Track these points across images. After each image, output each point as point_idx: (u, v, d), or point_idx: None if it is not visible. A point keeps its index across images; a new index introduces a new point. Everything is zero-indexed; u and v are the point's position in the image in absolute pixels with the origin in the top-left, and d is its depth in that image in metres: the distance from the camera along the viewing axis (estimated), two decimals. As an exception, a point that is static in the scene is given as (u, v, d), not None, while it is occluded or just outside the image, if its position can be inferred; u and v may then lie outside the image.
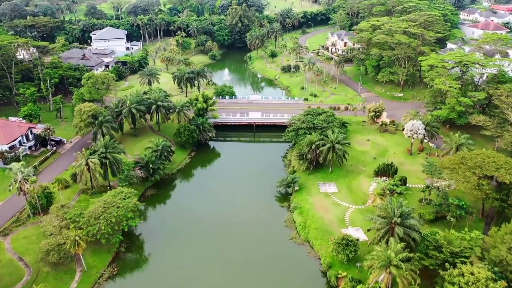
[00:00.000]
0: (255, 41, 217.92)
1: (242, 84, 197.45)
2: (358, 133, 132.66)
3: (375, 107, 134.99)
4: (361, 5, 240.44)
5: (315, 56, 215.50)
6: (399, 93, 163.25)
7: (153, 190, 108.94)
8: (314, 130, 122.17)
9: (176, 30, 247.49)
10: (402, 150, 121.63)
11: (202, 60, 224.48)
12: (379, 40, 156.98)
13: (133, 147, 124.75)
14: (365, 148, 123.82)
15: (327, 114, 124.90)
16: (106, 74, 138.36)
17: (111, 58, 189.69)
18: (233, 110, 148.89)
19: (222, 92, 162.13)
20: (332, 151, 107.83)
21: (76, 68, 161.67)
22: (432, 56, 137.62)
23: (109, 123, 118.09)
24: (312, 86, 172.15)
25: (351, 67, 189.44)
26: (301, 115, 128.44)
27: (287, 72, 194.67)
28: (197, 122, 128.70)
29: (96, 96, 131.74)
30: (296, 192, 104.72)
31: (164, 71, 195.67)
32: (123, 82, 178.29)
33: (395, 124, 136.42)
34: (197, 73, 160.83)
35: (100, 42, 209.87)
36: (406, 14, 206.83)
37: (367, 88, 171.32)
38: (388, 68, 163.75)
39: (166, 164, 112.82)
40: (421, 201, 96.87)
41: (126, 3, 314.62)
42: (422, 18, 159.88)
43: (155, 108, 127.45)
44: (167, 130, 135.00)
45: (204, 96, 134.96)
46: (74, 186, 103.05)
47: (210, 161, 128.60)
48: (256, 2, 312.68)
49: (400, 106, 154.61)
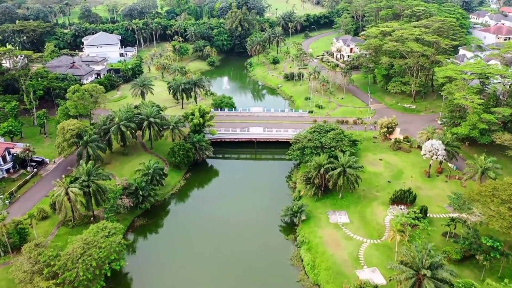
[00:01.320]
0: (256, 46, 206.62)
1: (242, 93, 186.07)
2: (369, 151, 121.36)
3: (387, 123, 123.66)
4: (367, 8, 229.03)
5: (319, 62, 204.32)
6: (411, 105, 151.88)
7: (143, 220, 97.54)
8: (321, 149, 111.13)
9: (173, 34, 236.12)
10: (418, 172, 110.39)
11: (200, 66, 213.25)
12: (390, 48, 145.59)
13: (123, 167, 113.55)
14: (378, 169, 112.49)
15: (336, 131, 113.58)
16: (94, 86, 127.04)
17: (103, 65, 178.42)
18: (233, 124, 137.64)
19: (221, 103, 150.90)
20: (343, 175, 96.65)
21: (64, 77, 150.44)
22: (450, 67, 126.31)
23: (95, 142, 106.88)
24: (317, 96, 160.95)
25: (358, 74, 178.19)
26: (307, 132, 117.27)
27: (290, 80, 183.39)
28: (193, 139, 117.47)
29: (83, 111, 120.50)
30: (303, 223, 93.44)
31: (159, 79, 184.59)
32: (115, 92, 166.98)
33: (409, 141, 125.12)
34: (193, 83, 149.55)
35: (92, 48, 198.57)
36: (415, 18, 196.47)
37: (376, 99, 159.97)
38: (399, 77, 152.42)
39: (158, 189, 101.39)
40: (445, 236, 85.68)
41: (122, 6, 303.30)
42: (436, 24, 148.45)
43: (147, 125, 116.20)
44: (160, 148, 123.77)
45: (201, 110, 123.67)
46: (54, 217, 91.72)
47: (207, 182, 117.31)
48: (256, 5, 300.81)
49: (412, 119, 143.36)
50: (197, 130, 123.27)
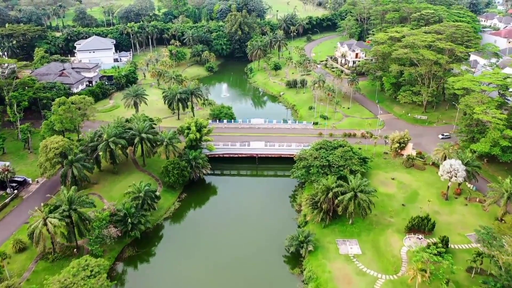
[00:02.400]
0: (256, 51, 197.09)
1: (242, 101, 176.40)
2: (380, 169, 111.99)
3: (399, 138, 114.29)
4: (372, 11, 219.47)
5: (323, 68, 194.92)
6: (422, 115, 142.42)
7: (133, 250, 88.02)
8: (329, 168, 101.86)
9: (170, 38, 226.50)
10: (435, 193, 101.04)
11: (198, 72, 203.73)
12: (400, 55, 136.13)
13: (112, 188, 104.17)
14: (390, 190, 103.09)
15: (344, 149, 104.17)
16: (82, 97, 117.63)
17: (95, 72, 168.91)
18: (232, 137, 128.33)
19: (220, 114, 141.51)
20: (354, 200, 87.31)
21: (52, 86, 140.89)
22: (466, 77, 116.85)
23: (81, 162, 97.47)
24: (322, 105, 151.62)
25: (365, 81, 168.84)
26: (313, 148, 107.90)
27: (293, 88, 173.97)
28: (188, 156, 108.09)
29: (69, 126, 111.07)
30: (309, 254, 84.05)
31: (155, 86, 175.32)
32: (107, 101, 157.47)
33: (422, 157, 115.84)
34: (190, 92, 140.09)
35: (84, 54, 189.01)
36: (423, 22, 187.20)
37: (384, 108, 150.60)
38: (409, 86, 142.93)
39: (149, 215, 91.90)
40: (471, 272, 76.37)
41: (118, 8, 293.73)
42: (450, 30, 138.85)
43: (139, 141, 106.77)
44: (153, 165, 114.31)
45: (198, 124, 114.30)
46: (33, 248, 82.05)
47: (204, 203, 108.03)
48: (257, 7, 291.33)
49: (424, 131, 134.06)
50: (193, 146, 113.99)
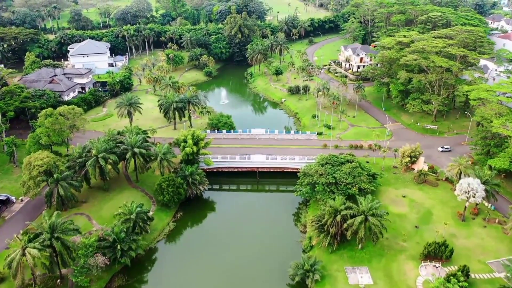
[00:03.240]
0: (256, 55, 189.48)
1: (242, 108, 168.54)
2: (390, 185, 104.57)
3: (410, 151, 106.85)
4: (376, 13, 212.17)
5: (326, 72, 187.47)
6: (432, 125, 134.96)
7: (123, 278, 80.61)
8: (335, 186, 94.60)
9: (168, 41, 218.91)
10: (450, 213, 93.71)
11: (197, 77, 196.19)
12: (409, 61, 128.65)
13: (102, 207, 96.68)
14: (402, 209, 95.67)
15: (352, 164, 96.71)
16: (71, 108, 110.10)
17: (88, 78, 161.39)
18: (231, 149, 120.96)
19: (218, 123, 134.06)
20: (365, 224, 79.91)
21: (42, 94, 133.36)
22: (482, 87, 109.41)
23: (68, 180, 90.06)
24: (326, 113, 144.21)
25: (370, 87, 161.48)
26: (318, 162, 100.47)
27: (295, 94, 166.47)
28: (184, 172, 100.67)
29: (57, 139, 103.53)
30: (316, 284, 76.68)
31: (151, 92, 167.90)
32: (100, 109, 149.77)
33: (435, 172, 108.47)
34: (187, 101, 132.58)
35: (78, 58, 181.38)
36: (430, 25, 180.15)
37: (391, 117, 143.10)
38: (418, 94, 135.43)
39: (141, 239, 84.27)
40: (495, 307, 69.13)
41: (115, 9, 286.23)
42: (462, 34, 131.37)
43: (131, 156, 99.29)
44: (147, 180, 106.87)
45: (195, 136, 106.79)
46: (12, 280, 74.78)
47: (201, 221, 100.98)
48: (257, 8, 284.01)
49: (435, 142, 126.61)
50: (189, 160, 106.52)
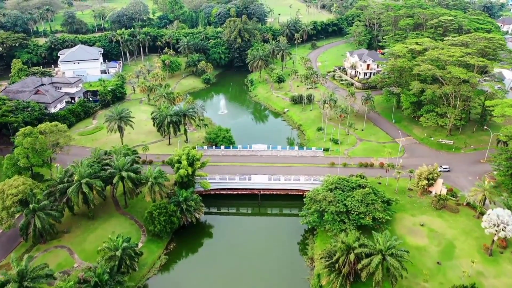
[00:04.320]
0: (257, 62, 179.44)
1: (242, 119, 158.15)
2: (405, 211, 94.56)
3: (427, 173, 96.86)
4: (383, 17, 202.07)
5: (330, 79, 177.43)
6: (447, 140, 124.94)
7: (106, 327, 70.73)
8: (346, 215, 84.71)
9: (164, 46, 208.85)
10: (475, 246, 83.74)
11: (194, 84, 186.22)
12: (424, 72, 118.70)
13: (86, 237, 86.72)
14: (421, 241, 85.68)
15: (365, 190, 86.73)
16: (53, 125, 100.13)
17: (78, 87, 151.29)
18: (230, 168, 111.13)
19: (216, 138, 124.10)
20: (382, 264, 69.95)
21: (25, 107, 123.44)
22: (507, 102, 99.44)
23: (46, 210, 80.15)
24: (332, 125, 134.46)
25: (379, 96, 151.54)
26: (326, 187, 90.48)
27: (298, 104, 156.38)
28: (178, 198, 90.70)
29: (37, 161, 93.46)
30: (327, 335, 66.81)
31: (145, 102, 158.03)
32: (90, 121, 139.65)
33: (454, 195, 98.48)
34: (183, 114, 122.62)
35: (68, 65, 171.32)
36: (441, 30, 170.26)
37: (403, 130, 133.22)
38: (432, 106, 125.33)
39: (127, 280, 74.31)
40: None
41: (110, 11, 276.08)
42: (481, 43, 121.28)
43: (119, 180, 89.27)
44: (138, 205, 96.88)
45: (190, 156, 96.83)
46: (-24, 332, 64.93)
47: (197, 251, 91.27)
48: (257, 10, 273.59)
49: (452, 159, 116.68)
50: (184, 183, 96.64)
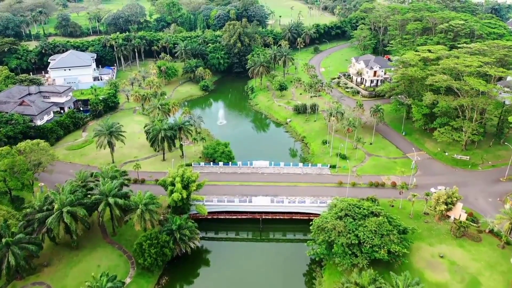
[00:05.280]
0: (258, 68, 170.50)
1: (241, 129, 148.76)
2: (422, 240, 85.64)
3: (446, 197, 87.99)
4: (390, 20, 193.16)
5: (335, 86, 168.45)
6: (463, 155, 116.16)
7: None
8: (359, 248, 75.89)
9: (160, 50, 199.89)
10: (502, 282, 75.07)
11: (191, 91, 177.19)
12: (439, 82, 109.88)
13: (67, 272, 77.87)
14: (441, 276, 76.86)
15: (379, 220, 77.77)
16: (34, 144, 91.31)
17: (68, 96, 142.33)
18: (229, 188, 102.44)
19: (214, 153, 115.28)
20: (402, 312, 61.25)
21: (9, 119, 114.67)
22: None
23: (22, 243, 71.32)
24: (338, 138, 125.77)
25: (387, 105, 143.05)
26: (335, 213, 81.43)
27: (302, 114, 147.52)
28: (171, 226, 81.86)
29: (15, 184, 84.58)
30: None
31: (139, 111, 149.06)
32: (79, 134, 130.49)
33: (475, 221, 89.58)
34: (178, 128, 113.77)
35: (59, 71, 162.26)
36: (452, 35, 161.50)
37: (414, 143, 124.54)
38: (447, 119, 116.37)
39: (112, 327, 65.69)
40: None
41: (106, 13, 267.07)
42: (501, 51, 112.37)
43: (105, 207, 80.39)
44: (127, 232, 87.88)
45: (185, 178, 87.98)
46: None
47: (192, 284, 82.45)
48: (258, 12, 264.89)
49: (469, 177, 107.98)
50: (178, 208, 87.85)
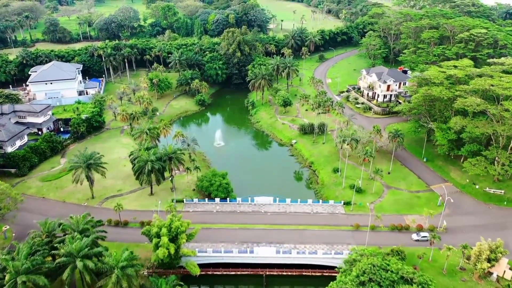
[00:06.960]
0: (259, 81, 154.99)
1: (241, 153, 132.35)
2: (462, 307, 70.47)
3: (489, 251, 72.63)
4: (402, 27, 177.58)
5: (343, 100, 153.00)
6: (496, 188, 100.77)
7: None
8: (388, 326, 60.47)
9: (153, 60, 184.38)
10: None
11: (186, 106, 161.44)
12: (470, 107, 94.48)
13: None
14: None
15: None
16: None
17: (46, 116, 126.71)
18: (227, 231, 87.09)
19: (210, 187, 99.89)
20: None
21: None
22: None
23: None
24: (350, 164, 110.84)
25: (403, 123, 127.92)
26: (355, 276, 66.03)
27: (308, 134, 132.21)
28: (155, 293, 66.60)
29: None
30: None
31: (126, 131, 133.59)
32: (57, 160, 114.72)
33: (523, 280, 74.34)
34: (168, 158, 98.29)
35: (39, 85, 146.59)
36: (472, 45, 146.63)
37: (437, 173, 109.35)
38: (477, 145, 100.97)
39: None
40: None
41: (98, 17, 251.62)
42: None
43: (71, 272, 64.88)
44: (103, 295, 72.66)
45: (173, 230, 72.60)
46: None
47: None
48: (258, 16, 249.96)
49: (507, 217, 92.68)
50: (165, 265, 72.42)
